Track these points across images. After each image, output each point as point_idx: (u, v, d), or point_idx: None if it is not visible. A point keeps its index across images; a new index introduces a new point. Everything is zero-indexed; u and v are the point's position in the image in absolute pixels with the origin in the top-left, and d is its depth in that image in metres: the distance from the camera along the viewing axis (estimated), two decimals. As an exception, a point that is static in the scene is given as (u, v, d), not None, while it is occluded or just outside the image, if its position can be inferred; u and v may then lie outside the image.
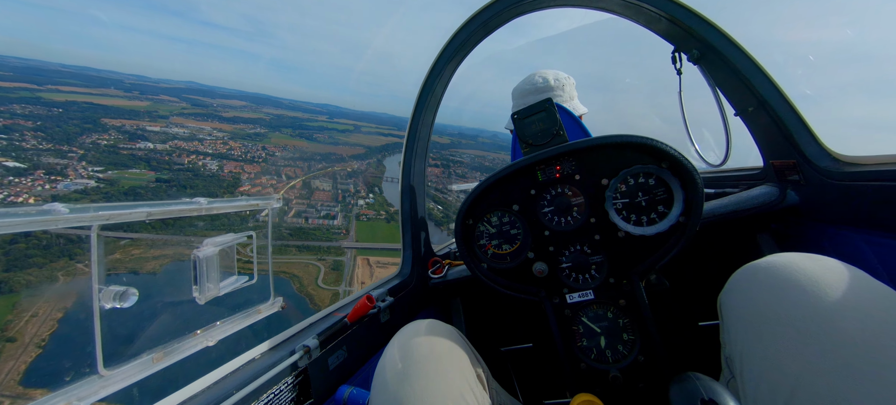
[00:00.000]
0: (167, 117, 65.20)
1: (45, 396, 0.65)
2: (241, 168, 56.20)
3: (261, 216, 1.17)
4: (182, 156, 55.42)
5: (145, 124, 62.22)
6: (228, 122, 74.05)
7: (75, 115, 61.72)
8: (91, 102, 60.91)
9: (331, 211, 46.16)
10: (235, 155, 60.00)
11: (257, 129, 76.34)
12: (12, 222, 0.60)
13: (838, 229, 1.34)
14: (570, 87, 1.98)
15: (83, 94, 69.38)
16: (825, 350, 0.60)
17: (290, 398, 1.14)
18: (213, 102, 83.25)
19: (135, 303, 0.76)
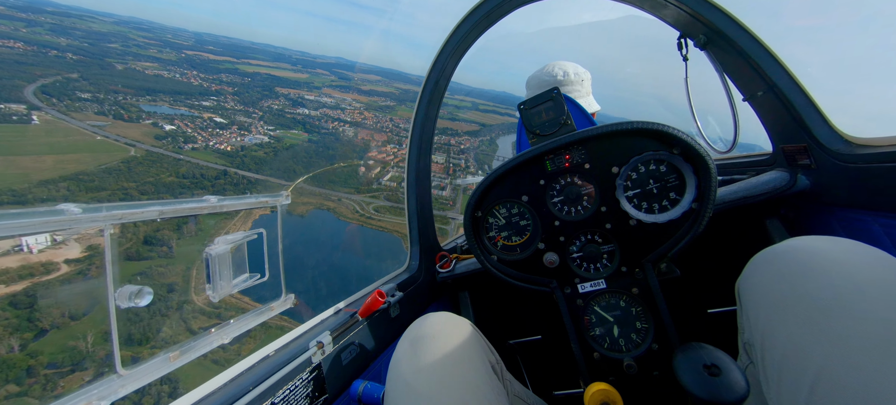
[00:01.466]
0: (320, 88, 77.29)
1: (67, 395, 0.65)
2: (372, 136, 67.68)
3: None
4: (328, 121, 67.62)
5: (304, 93, 74.32)
6: (365, 94, 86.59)
7: (258, 84, 74.84)
8: (270, 74, 75.59)
9: (441, 182, 50.85)
10: (368, 124, 72.21)
11: (388, 101, 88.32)
12: (25, 224, 0.60)
13: (850, 212, 1.33)
14: (587, 83, 1.96)
15: (265, 67, 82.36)
16: (850, 331, 0.59)
17: (305, 394, 1.14)
18: (354, 76, 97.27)
19: (151, 301, 0.75)
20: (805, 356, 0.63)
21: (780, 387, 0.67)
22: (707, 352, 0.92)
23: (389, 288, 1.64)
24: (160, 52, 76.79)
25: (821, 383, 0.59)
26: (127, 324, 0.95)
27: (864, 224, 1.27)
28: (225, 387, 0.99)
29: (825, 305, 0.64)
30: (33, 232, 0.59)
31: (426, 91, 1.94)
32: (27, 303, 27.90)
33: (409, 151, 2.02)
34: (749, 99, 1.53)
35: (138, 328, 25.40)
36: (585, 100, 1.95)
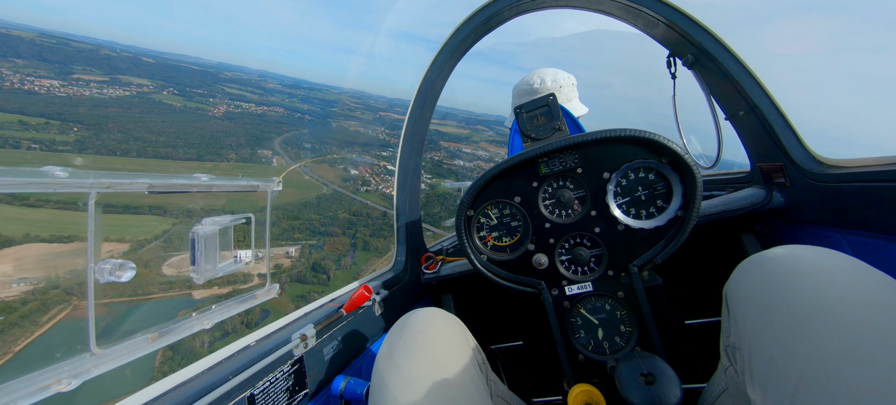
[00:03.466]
0: (477, 143, 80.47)
1: (37, 372, 0.61)
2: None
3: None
4: (477, 173, 78.68)
5: (462, 147, 79.48)
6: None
7: (432, 137, 79.01)
8: (437, 130, 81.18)
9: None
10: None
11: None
12: (8, 182, 0.57)
13: (821, 229, 1.41)
14: (568, 88, 2.01)
15: (433, 124, 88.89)
16: (833, 334, 0.62)
17: (285, 387, 1.10)
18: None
19: (132, 277, 0.72)
20: (789, 359, 0.65)
21: (765, 389, 0.70)
22: (646, 361, 0.97)
23: (375, 285, 1.62)
24: (363, 114, 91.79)
25: (803, 385, 0.62)
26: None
27: (833, 241, 1.35)
28: (203, 375, 0.95)
29: (809, 311, 0.67)
30: (16, 190, 0.55)
31: (422, 91, 1.95)
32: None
33: (401, 150, 2.01)
34: (730, 118, 1.60)
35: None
36: (570, 104, 2.00)
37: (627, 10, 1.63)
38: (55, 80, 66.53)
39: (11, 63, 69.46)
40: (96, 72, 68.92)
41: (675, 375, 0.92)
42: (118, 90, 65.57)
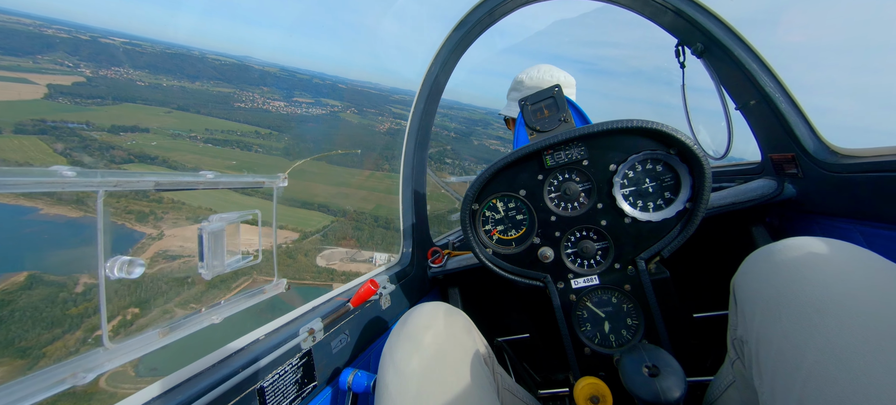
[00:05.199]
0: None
1: (50, 366, 0.62)
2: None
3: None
4: None
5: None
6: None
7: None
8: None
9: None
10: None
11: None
12: (17, 182, 0.58)
13: (833, 221, 1.38)
14: (573, 90, 2.00)
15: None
16: (843, 328, 0.61)
17: (294, 380, 1.12)
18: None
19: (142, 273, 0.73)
20: (799, 353, 0.64)
21: (773, 382, 0.69)
22: (649, 352, 0.96)
23: (381, 279, 1.63)
24: (505, 133, 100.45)
25: (812, 380, 0.61)
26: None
27: (847, 232, 1.32)
28: (214, 368, 0.97)
29: (819, 303, 0.66)
30: (27, 190, 0.56)
31: (426, 86, 1.94)
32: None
33: (406, 145, 2.01)
34: (741, 108, 1.57)
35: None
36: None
37: None
38: (282, 101, 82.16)
39: (260, 90, 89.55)
40: (307, 96, 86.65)
41: (679, 368, 0.90)
42: (318, 109, 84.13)
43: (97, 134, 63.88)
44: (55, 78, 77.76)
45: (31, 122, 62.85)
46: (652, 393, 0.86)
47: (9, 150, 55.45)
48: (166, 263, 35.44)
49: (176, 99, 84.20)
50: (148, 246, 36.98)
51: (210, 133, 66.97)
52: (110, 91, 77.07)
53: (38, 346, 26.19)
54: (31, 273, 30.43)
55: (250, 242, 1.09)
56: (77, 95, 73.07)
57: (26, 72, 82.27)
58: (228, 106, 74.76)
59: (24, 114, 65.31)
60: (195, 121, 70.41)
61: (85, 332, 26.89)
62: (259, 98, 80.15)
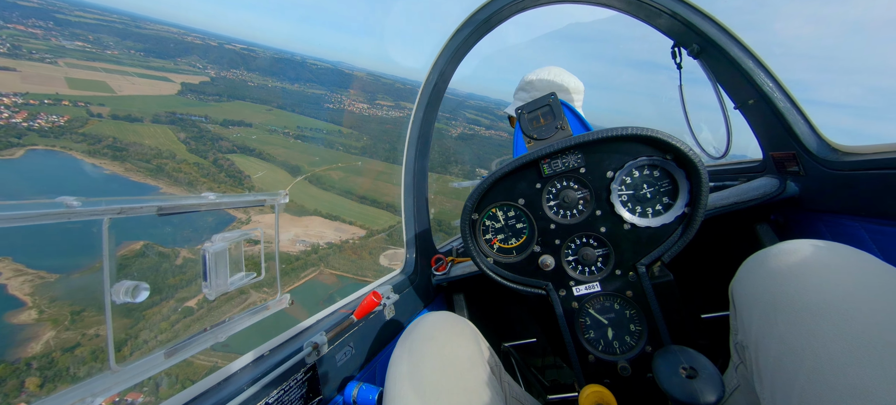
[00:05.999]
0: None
1: (59, 392, 0.64)
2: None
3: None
4: None
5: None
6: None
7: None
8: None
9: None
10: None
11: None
12: (24, 215, 0.59)
13: (837, 218, 1.37)
14: (579, 96, 2.01)
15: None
16: (840, 332, 0.61)
17: (299, 395, 1.13)
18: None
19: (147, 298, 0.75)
20: (797, 358, 0.64)
21: (773, 388, 0.69)
22: (686, 354, 0.95)
23: (385, 290, 1.64)
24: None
25: (812, 384, 0.61)
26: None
27: (851, 229, 1.31)
28: (219, 386, 0.98)
29: (816, 308, 0.66)
30: (34, 222, 0.58)
31: (425, 93, 1.96)
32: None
33: (407, 153, 2.03)
34: (740, 107, 1.56)
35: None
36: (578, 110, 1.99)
37: (630, 2, 1.60)
38: (365, 104, 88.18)
39: (347, 93, 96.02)
40: (389, 99, 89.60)
41: (717, 372, 0.89)
42: (397, 112, 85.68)
43: (211, 126, 73.31)
44: (188, 77, 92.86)
45: (165, 113, 75.14)
46: (689, 394, 0.85)
47: (146, 136, 63.78)
48: (248, 247, 39.47)
49: (277, 98, 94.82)
50: (236, 229, 40.92)
51: (300, 130, 75.77)
52: (227, 90, 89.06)
53: (139, 309, 28.64)
54: (146, 243, 35.45)
55: (321, 235, 1.12)
56: (202, 93, 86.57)
57: (168, 71, 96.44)
58: (319, 106, 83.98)
59: (161, 106, 77.45)
60: (290, 118, 78.70)
61: (176, 302, 31.69)
62: (346, 100, 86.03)
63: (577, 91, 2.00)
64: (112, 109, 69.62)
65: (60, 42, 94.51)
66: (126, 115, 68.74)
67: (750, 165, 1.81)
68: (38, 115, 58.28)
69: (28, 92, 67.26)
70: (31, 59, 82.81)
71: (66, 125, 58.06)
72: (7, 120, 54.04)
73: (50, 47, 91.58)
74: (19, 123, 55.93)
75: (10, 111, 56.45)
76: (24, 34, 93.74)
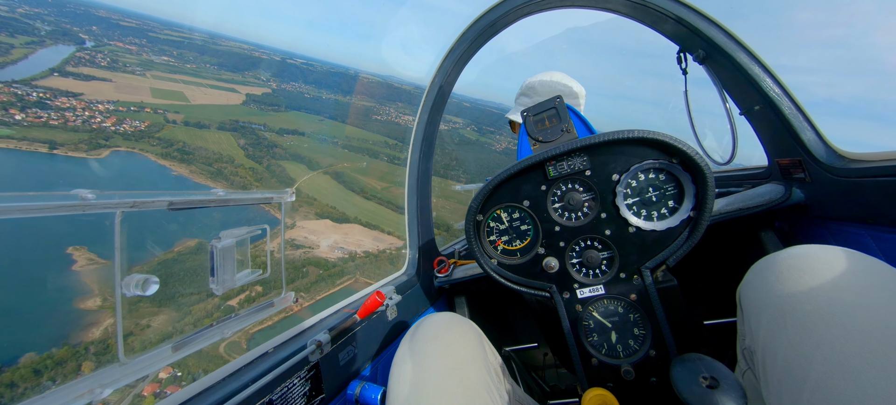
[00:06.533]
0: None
1: (69, 383, 0.65)
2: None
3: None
4: None
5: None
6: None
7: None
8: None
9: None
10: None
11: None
12: (39, 206, 0.61)
13: (843, 226, 1.36)
14: (583, 99, 2.03)
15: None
16: (850, 337, 0.60)
17: (302, 392, 1.14)
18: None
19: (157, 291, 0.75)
20: (806, 363, 0.64)
21: (780, 393, 0.68)
22: (705, 363, 0.92)
23: (388, 290, 1.64)
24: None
25: (821, 390, 0.60)
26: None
27: (857, 237, 1.30)
28: (224, 382, 0.99)
29: (825, 313, 0.65)
30: (50, 213, 0.59)
31: (430, 96, 1.97)
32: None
33: (411, 155, 2.04)
34: (746, 113, 1.56)
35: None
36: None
37: (635, 7, 1.61)
38: (411, 116, 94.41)
39: (396, 105, 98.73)
40: (402, 105, 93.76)
41: (739, 384, 0.85)
42: (443, 125, 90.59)
43: (268, 134, 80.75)
44: (252, 89, 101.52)
45: (229, 121, 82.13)
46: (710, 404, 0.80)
47: (211, 141, 70.26)
48: (290, 250, 43.81)
49: (329, 109, 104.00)
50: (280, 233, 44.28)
51: (349, 140, 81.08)
52: (285, 101, 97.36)
53: (187, 305, 30.27)
54: (200, 241, 37.60)
55: (359, 243, 1.14)
56: (263, 103, 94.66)
57: (236, 83, 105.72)
58: (368, 118, 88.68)
59: (227, 115, 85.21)
60: (339, 129, 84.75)
61: (221, 300, 33.81)
62: (393, 112, 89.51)
63: (579, 95, 2.01)
64: (185, 116, 76.79)
65: (150, 57, 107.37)
66: (196, 121, 75.85)
67: (755, 172, 1.81)
68: (124, 120, 66.63)
69: (118, 100, 75.87)
70: (124, 71, 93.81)
71: (145, 130, 65.62)
72: (99, 124, 62.65)
73: (141, 61, 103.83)
74: (108, 127, 64.15)
75: (103, 116, 65.29)
76: (122, 50, 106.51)
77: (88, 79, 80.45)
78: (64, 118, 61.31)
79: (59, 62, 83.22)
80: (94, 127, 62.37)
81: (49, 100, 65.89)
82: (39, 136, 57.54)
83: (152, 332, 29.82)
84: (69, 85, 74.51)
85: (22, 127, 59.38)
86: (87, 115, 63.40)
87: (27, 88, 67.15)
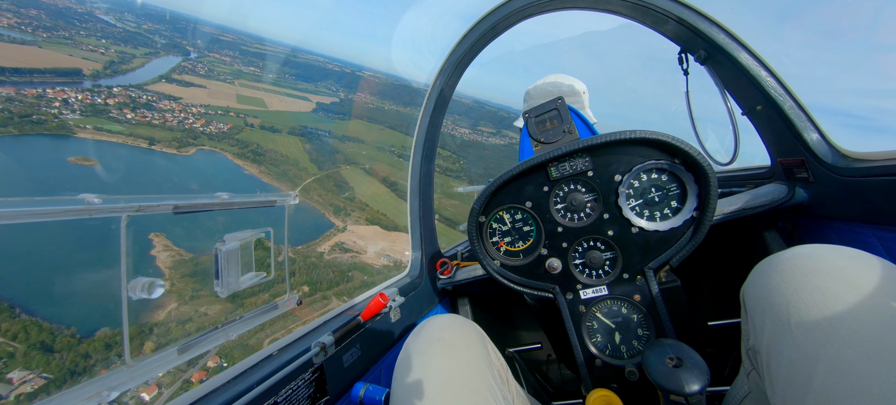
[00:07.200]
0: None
1: (76, 386, 0.65)
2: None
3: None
4: None
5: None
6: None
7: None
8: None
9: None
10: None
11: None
12: (47, 210, 0.61)
13: (848, 225, 1.36)
14: (586, 97, 2.02)
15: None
16: (856, 338, 0.60)
17: (306, 394, 1.14)
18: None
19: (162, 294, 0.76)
20: (810, 364, 0.64)
21: (785, 394, 0.68)
22: (675, 347, 0.97)
23: (391, 292, 1.65)
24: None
25: (826, 391, 0.60)
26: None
27: (861, 237, 1.29)
28: (229, 385, 0.99)
29: (829, 313, 0.65)
30: (56, 218, 0.60)
31: (431, 99, 1.98)
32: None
33: (413, 157, 2.04)
34: (748, 113, 1.56)
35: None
36: (585, 112, 1.99)
37: (636, 8, 1.61)
38: (467, 128, 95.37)
39: (453, 117, 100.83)
40: (490, 125, 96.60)
41: (702, 362, 0.92)
42: (498, 140, 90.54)
43: (331, 141, 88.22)
44: (322, 98, 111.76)
45: (299, 127, 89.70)
46: (674, 383, 0.87)
47: (281, 144, 77.47)
48: (339, 253, 45.88)
49: (389, 119, 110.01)
50: (333, 235, 49.36)
51: (404, 149, 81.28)
52: (351, 110, 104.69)
53: (241, 296, 34.17)
54: (260, 237, 41.26)
55: (404, 253, 1.15)
56: (330, 111, 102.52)
57: (309, 93, 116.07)
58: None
59: (297, 121, 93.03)
60: (396, 138, 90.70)
61: (271, 296, 35.39)
62: (449, 124, 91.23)
63: (581, 93, 2.00)
64: (261, 121, 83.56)
65: (239, 67, 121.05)
66: (270, 126, 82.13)
67: (758, 172, 1.80)
68: (211, 122, 73.98)
69: (209, 104, 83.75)
70: (217, 79, 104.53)
71: (227, 132, 72.23)
72: (191, 125, 70.36)
73: (231, 71, 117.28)
74: (198, 128, 71.82)
75: (194, 118, 73.26)
76: (218, 61, 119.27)
77: (188, 85, 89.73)
78: (164, 118, 69.21)
79: (167, 70, 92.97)
80: (187, 127, 69.89)
81: (155, 102, 74.15)
82: (143, 133, 64.38)
83: (209, 321, 31.68)
84: (172, 90, 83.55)
85: (131, 124, 67.23)
86: (183, 117, 71.13)
87: (139, 92, 76.55)
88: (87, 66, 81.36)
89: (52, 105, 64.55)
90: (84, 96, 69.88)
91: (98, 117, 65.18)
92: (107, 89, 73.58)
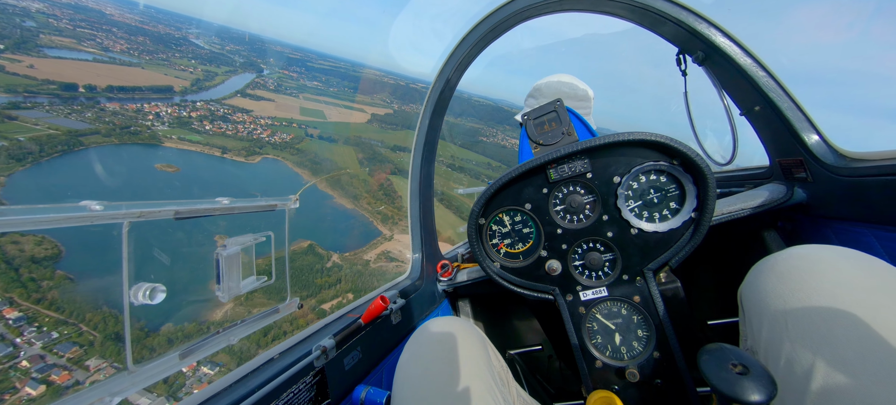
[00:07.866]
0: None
1: (78, 392, 0.66)
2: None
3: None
4: None
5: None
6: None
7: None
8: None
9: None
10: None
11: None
12: (50, 218, 0.62)
13: (846, 225, 1.36)
14: (591, 103, 2.02)
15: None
16: (852, 338, 0.61)
17: (308, 398, 1.14)
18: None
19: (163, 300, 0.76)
20: (809, 364, 0.64)
21: (783, 395, 0.69)
22: (733, 351, 0.92)
23: (392, 294, 1.65)
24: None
25: (824, 391, 0.61)
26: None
27: (860, 236, 1.30)
28: (230, 389, 1.00)
29: (828, 313, 0.66)
30: (58, 225, 0.61)
31: (431, 100, 1.98)
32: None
33: (413, 159, 2.05)
34: (746, 113, 1.56)
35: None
36: (588, 118, 1.99)
37: (634, 10, 1.61)
38: (517, 140, 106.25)
39: (504, 128, 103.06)
40: (510, 128, 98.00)
41: (768, 372, 0.84)
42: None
43: (383, 150, 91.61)
44: (377, 110, 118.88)
45: (354, 137, 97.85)
46: (741, 391, 0.80)
47: (336, 154, 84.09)
48: (385, 262, 46.92)
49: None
50: (380, 243, 50.98)
51: (452, 159, 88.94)
52: (402, 120, 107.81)
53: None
54: (311, 242, 43.01)
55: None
56: (384, 122, 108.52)
57: (365, 105, 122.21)
58: (474, 139, 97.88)
59: (353, 132, 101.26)
60: (445, 148, 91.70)
61: (317, 302, 37.20)
62: (500, 135, 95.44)
63: (586, 98, 2.00)
64: (321, 132, 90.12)
65: (304, 81, 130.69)
66: (328, 136, 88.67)
67: (756, 172, 1.81)
68: (276, 133, 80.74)
69: (275, 116, 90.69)
70: (284, 93, 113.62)
71: (289, 141, 78.42)
72: (258, 135, 76.51)
73: (297, 85, 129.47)
74: (264, 138, 77.91)
75: (262, 129, 79.45)
76: (286, 77, 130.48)
77: (259, 99, 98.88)
78: (236, 129, 75.62)
79: (243, 86, 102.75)
80: (255, 137, 76.51)
81: (230, 114, 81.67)
82: (217, 143, 71.63)
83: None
84: (245, 103, 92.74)
85: (208, 135, 73.56)
86: (252, 128, 77.51)
87: (218, 105, 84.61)
88: (177, 84, 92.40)
89: (147, 118, 74.80)
90: (173, 110, 79.17)
91: (182, 128, 72.65)
92: (191, 103, 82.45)
